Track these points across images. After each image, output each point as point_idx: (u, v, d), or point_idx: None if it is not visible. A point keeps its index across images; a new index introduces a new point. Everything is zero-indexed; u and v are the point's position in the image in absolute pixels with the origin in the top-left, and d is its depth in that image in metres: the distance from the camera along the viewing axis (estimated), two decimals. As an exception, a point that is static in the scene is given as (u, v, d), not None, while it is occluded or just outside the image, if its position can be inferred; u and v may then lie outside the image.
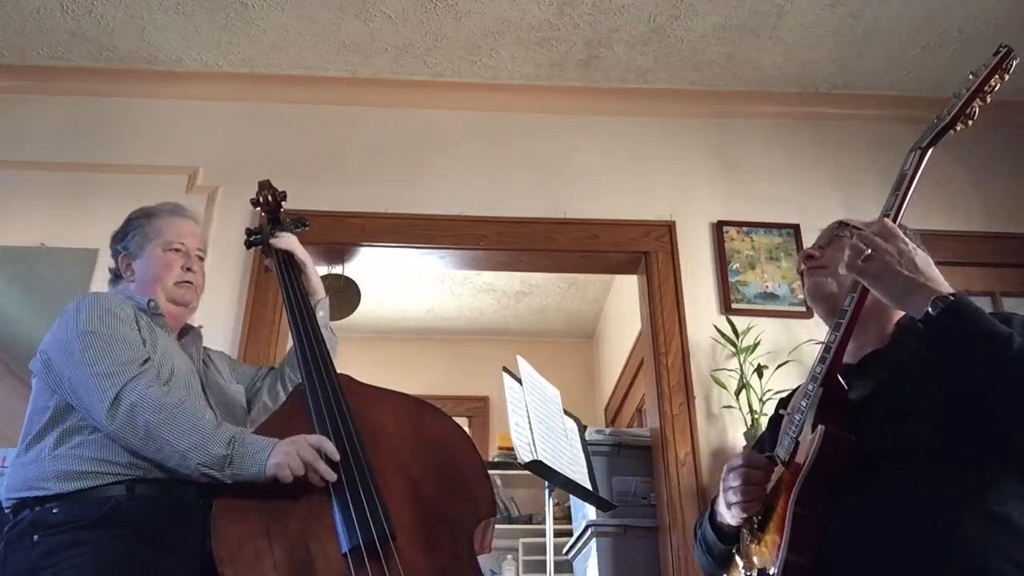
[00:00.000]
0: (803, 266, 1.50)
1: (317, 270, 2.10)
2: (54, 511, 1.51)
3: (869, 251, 1.23)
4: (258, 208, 2.16)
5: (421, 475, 1.63)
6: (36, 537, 1.49)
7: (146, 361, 1.63)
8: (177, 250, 1.85)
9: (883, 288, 1.24)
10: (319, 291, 2.04)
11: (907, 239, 1.25)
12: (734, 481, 1.34)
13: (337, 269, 3.43)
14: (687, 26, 3.03)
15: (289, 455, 1.51)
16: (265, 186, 2.17)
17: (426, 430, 1.74)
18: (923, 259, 1.23)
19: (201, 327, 1.96)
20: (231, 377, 1.97)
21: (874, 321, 1.38)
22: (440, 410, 1.80)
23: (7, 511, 1.60)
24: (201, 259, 1.92)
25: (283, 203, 2.17)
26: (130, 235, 1.87)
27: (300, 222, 2.18)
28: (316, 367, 1.77)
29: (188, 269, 1.85)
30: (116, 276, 1.90)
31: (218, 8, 2.93)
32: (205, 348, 1.95)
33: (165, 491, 1.57)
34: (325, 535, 1.47)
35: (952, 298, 1.17)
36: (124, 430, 1.52)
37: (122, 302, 1.73)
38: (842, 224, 1.49)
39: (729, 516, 1.36)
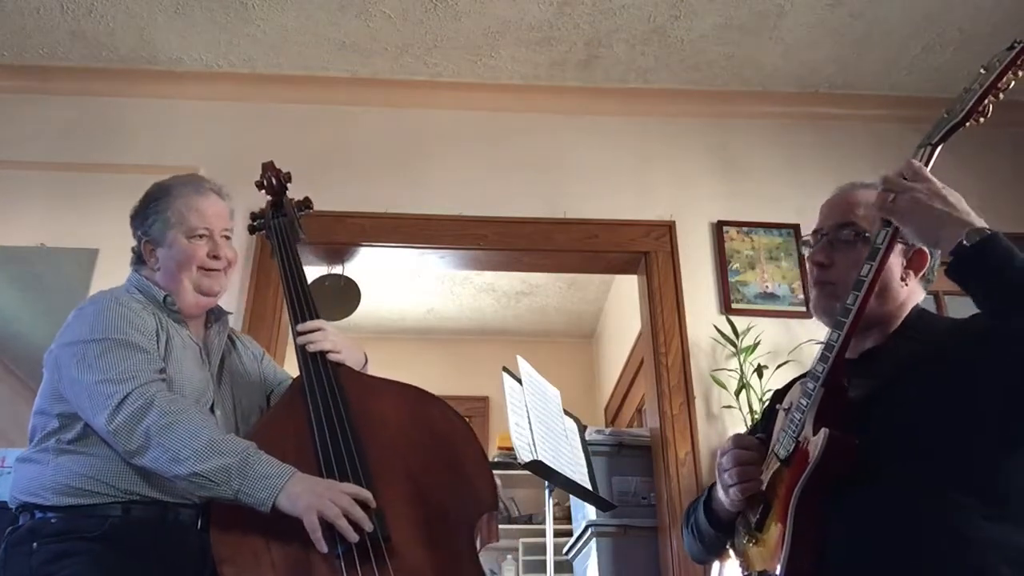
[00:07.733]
0: (813, 272, 1.45)
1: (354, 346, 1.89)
2: (52, 520, 1.51)
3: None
4: (262, 191, 2.10)
5: (421, 469, 1.60)
6: (35, 544, 1.49)
7: (160, 371, 1.58)
8: (202, 236, 1.75)
9: (915, 223, 1.21)
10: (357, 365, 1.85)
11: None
12: (728, 463, 1.34)
13: (337, 269, 3.43)
14: (687, 26, 3.03)
15: (321, 497, 1.41)
16: (269, 167, 2.12)
17: (427, 421, 1.71)
18: (955, 196, 1.21)
19: (230, 313, 1.91)
20: (255, 367, 1.91)
21: (876, 318, 1.36)
22: (442, 400, 1.76)
23: (12, 509, 1.59)
24: (228, 238, 1.82)
25: (288, 185, 2.11)
26: (150, 220, 1.77)
27: (304, 205, 2.12)
28: (312, 356, 1.71)
29: (215, 256, 1.76)
30: (139, 260, 1.80)
31: (218, 8, 2.93)
32: (232, 333, 1.91)
33: (161, 514, 1.55)
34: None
35: (989, 232, 1.14)
36: (123, 432, 1.46)
37: (141, 307, 1.67)
38: (845, 224, 1.45)
39: (727, 501, 1.36)
